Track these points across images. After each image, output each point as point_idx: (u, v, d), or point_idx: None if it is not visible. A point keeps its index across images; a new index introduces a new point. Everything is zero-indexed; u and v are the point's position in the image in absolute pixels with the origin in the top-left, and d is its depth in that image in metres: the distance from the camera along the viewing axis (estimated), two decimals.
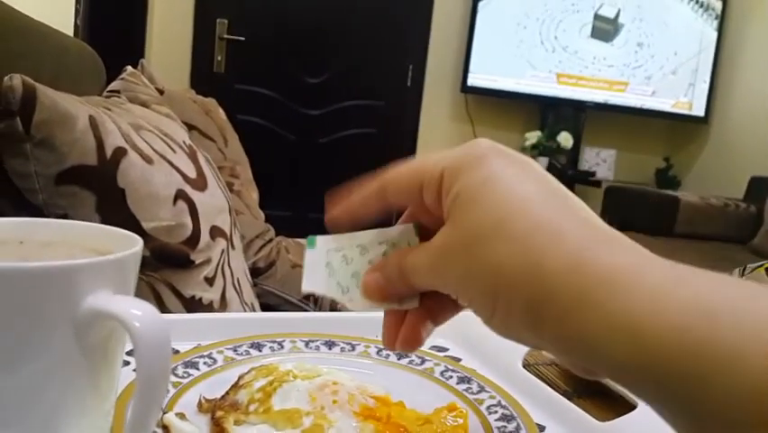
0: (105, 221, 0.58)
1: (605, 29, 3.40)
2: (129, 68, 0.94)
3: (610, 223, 0.23)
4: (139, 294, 0.67)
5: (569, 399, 0.41)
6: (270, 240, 1.08)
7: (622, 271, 0.21)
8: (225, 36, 3.00)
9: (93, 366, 0.27)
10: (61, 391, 0.26)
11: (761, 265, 0.63)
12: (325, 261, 0.29)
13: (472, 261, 0.23)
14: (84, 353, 0.26)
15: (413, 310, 0.28)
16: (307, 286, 0.29)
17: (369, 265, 0.28)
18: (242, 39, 3.02)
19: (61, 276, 0.25)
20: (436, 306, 0.28)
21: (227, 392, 0.38)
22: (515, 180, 0.24)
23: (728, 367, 0.17)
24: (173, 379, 0.39)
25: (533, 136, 3.25)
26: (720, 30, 3.44)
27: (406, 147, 3.37)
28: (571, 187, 3.85)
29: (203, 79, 2.92)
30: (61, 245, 0.31)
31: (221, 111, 1.19)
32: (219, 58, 3.02)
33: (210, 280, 0.68)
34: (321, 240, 0.29)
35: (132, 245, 0.28)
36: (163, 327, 0.25)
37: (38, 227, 0.31)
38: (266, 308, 0.96)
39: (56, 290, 0.25)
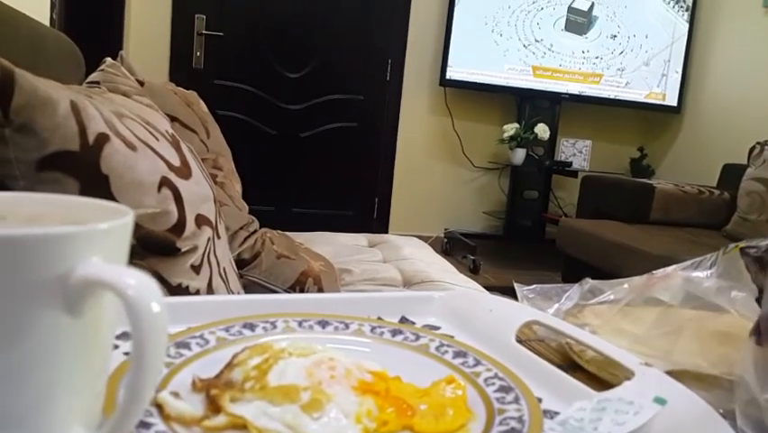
0: None
1: (579, 22, 3.44)
2: (108, 59, 0.92)
3: (588, 211, 0.21)
4: None
5: (563, 372, 0.41)
6: (255, 231, 1.07)
7: None
8: (204, 32, 2.97)
9: (85, 343, 0.25)
10: (52, 369, 0.24)
11: (735, 246, 0.64)
12: None
13: None
14: (75, 328, 0.24)
15: None
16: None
17: None
18: (221, 34, 2.99)
19: (50, 244, 0.23)
20: None
21: (222, 371, 0.38)
22: None
23: None
24: (165, 359, 0.38)
25: (510, 128, 3.28)
26: (691, 21, 3.50)
27: (387, 140, 3.37)
28: (548, 177, 3.85)
29: (182, 75, 2.89)
30: (48, 219, 0.29)
31: (202, 103, 1.18)
32: (198, 53, 2.99)
33: (197, 269, 0.68)
34: None
35: (123, 216, 0.27)
36: (159, 296, 0.24)
37: (22, 202, 0.29)
38: None
39: (45, 259, 0.23)
